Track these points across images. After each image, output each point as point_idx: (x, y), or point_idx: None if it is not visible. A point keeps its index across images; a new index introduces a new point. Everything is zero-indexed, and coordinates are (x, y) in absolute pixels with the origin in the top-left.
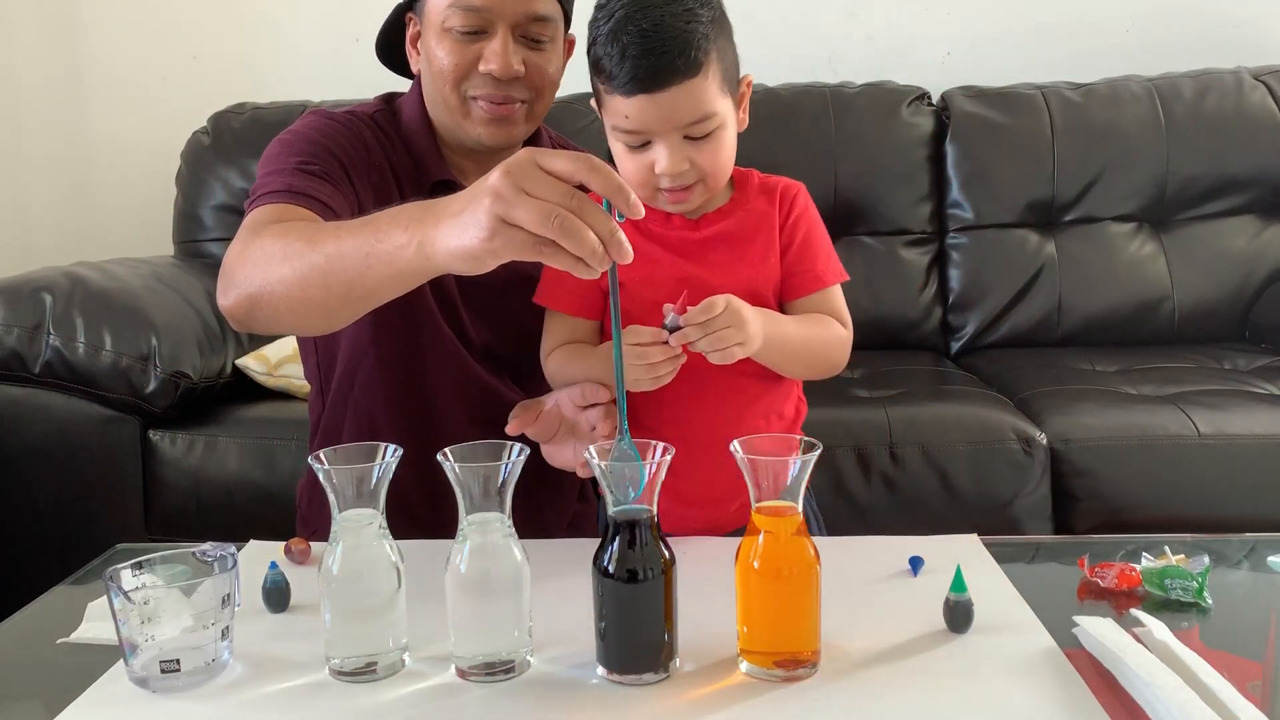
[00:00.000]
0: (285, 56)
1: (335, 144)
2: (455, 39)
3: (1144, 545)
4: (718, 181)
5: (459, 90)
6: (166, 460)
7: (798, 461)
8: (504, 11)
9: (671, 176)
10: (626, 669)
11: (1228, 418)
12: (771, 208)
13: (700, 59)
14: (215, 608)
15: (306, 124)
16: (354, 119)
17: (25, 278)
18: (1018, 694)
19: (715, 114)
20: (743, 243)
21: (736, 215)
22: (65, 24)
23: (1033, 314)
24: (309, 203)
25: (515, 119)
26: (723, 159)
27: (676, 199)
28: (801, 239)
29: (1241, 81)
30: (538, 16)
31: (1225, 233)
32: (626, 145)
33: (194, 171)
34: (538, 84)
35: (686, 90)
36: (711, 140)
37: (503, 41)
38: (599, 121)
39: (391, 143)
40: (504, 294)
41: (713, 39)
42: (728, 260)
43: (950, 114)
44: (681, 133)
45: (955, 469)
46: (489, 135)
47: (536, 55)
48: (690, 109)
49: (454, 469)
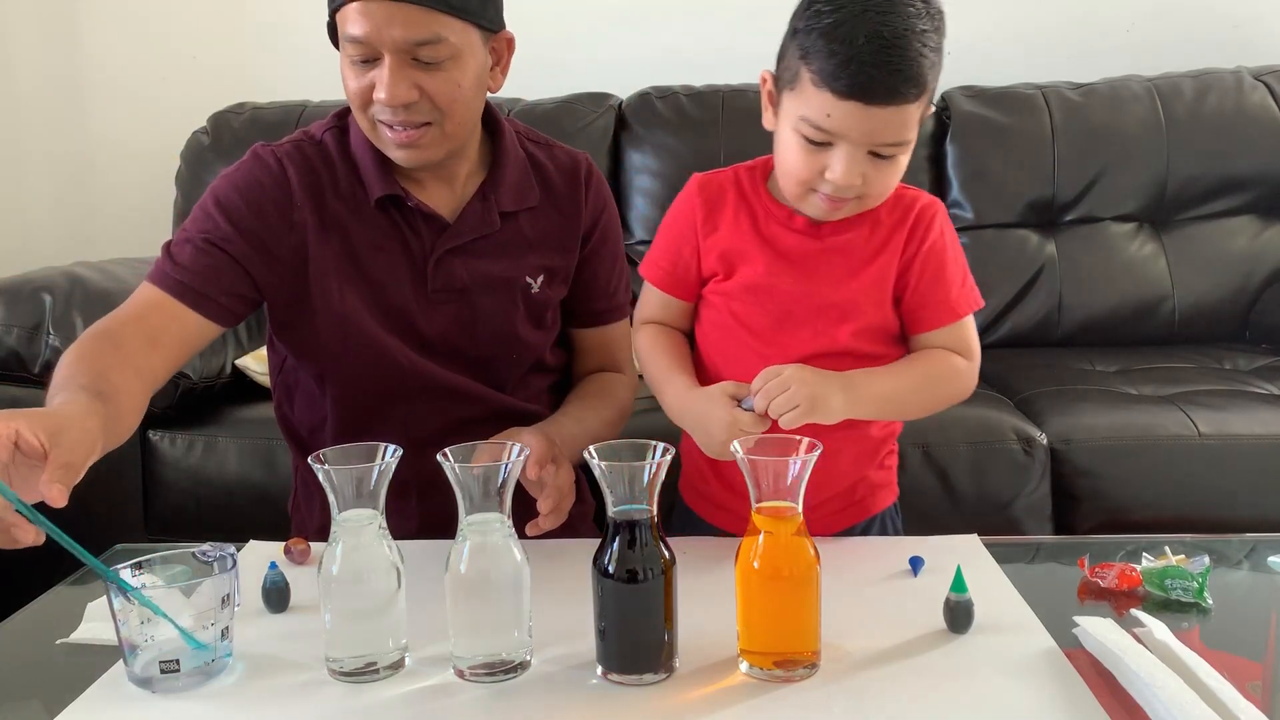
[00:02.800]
0: (285, 56)
1: (250, 212)
2: (353, 65)
3: (1144, 545)
4: (877, 203)
5: (367, 114)
6: (166, 461)
7: (798, 461)
8: (384, 41)
9: (841, 188)
10: (626, 669)
11: (1228, 418)
12: (901, 227)
13: (925, 85)
14: (215, 608)
15: (226, 188)
16: (284, 158)
17: (25, 278)
18: (1018, 694)
19: (910, 141)
20: (862, 261)
21: (862, 229)
22: (65, 24)
23: (1033, 314)
24: (186, 295)
25: (423, 142)
26: (893, 183)
27: (833, 208)
28: (934, 269)
29: (1241, 81)
30: (421, 42)
31: (1225, 233)
32: (808, 140)
33: (194, 171)
34: (442, 104)
35: (901, 113)
36: (892, 163)
37: (389, 71)
38: (599, 122)
39: (334, 167)
40: (470, 295)
41: (937, 68)
42: (842, 275)
43: (950, 114)
44: (870, 148)
45: (955, 469)
46: (402, 158)
47: (433, 78)
48: (894, 131)
49: (454, 469)
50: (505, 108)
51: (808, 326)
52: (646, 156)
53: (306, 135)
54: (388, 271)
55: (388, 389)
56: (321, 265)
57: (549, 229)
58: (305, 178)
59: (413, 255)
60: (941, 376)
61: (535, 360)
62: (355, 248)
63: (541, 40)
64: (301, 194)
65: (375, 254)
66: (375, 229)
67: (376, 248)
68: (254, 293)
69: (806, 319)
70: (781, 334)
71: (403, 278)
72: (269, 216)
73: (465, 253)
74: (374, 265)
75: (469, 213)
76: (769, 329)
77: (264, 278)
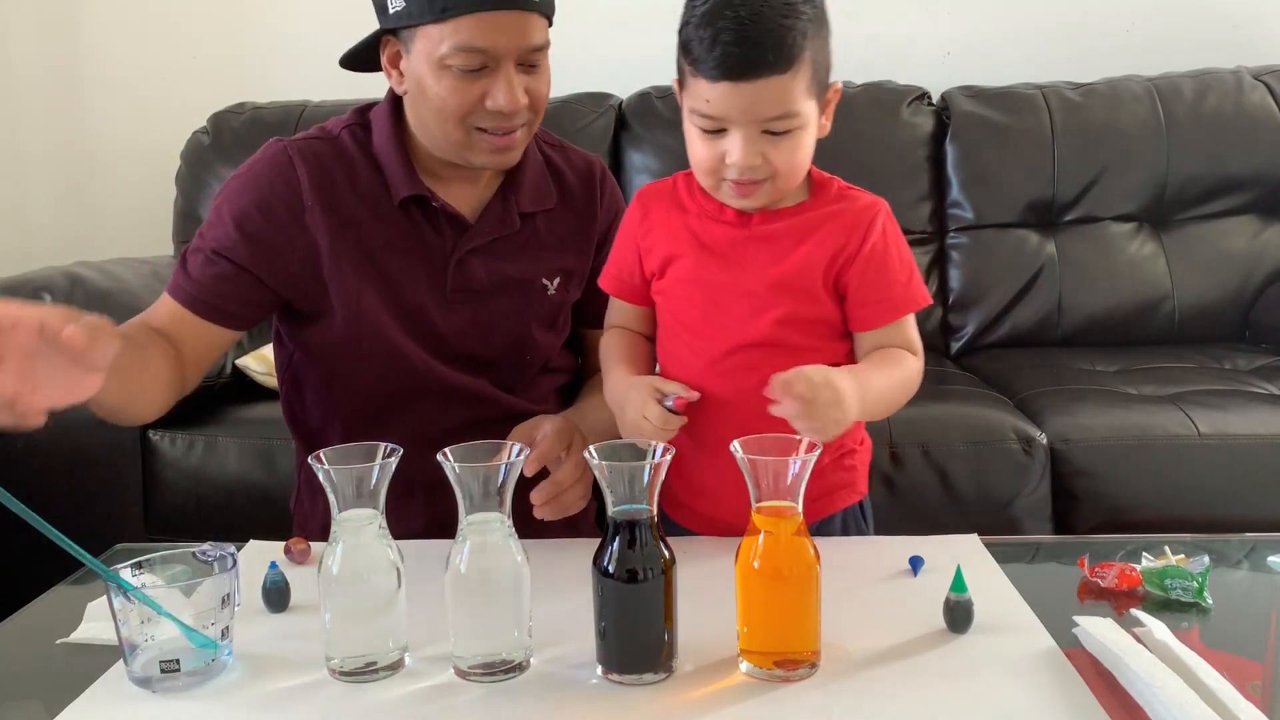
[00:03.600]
0: (285, 56)
1: (260, 215)
2: (456, 76)
3: (1144, 545)
4: (788, 182)
5: (464, 125)
6: (166, 460)
7: (798, 461)
8: (508, 49)
9: (741, 169)
10: (626, 669)
11: (1228, 418)
12: (835, 221)
13: (793, 56)
14: (215, 608)
15: (237, 190)
16: (297, 155)
17: (25, 278)
18: (1018, 694)
19: (797, 114)
20: (786, 250)
21: (790, 219)
22: (65, 24)
23: (1033, 314)
24: (198, 307)
25: (519, 143)
26: (797, 160)
27: (742, 192)
28: (876, 266)
29: (1241, 81)
30: (536, 47)
31: (1225, 233)
32: (702, 130)
33: (194, 171)
34: (537, 105)
35: (773, 85)
36: (789, 139)
37: (509, 79)
38: (599, 122)
39: (354, 165)
40: (491, 298)
41: (809, 38)
42: (765, 263)
43: (950, 114)
44: (760, 126)
45: (955, 469)
46: (495, 162)
47: (535, 79)
48: (773, 104)
49: (454, 469)
50: None
51: (731, 315)
52: (646, 156)
53: (323, 132)
54: (405, 271)
55: (398, 389)
56: (337, 265)
57: (565, 231)
58: (317, 177)
59: (432, 256)
60: (910, 379)
61: (545, 362)
62: (373, 247)
63: None
64: (312, 194)
65: (394, 254)
66: (394, 229)
67: (395, 248)
68: (269, 296)
69: (731, 308)
70: (709, 326)
71: (420, 278)
72: (279, 218)
73: (485, 253)
74: (392, 265)
75: (490, 212)
76: (698, 322)
77: (277, 281)
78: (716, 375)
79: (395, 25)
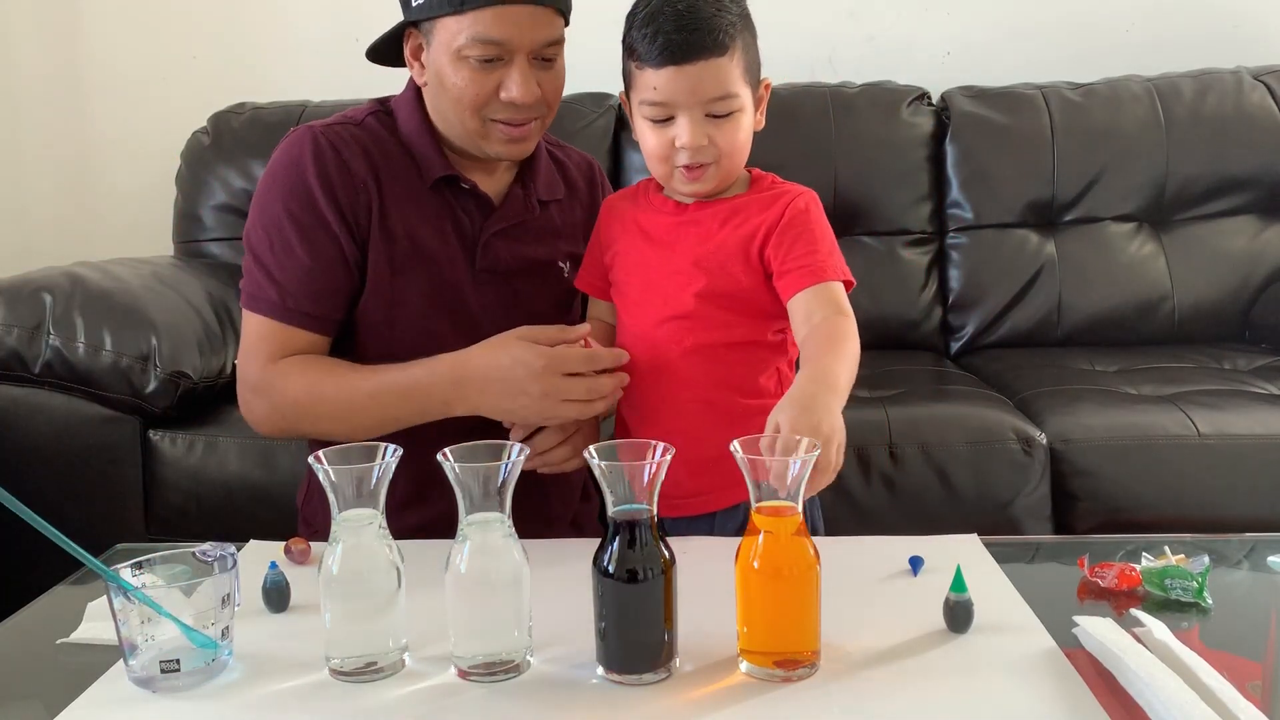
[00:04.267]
0: (285, 56)
1: (324, 202)
2: (473, 68)
3: (1144, 545)
4: (733, 164)
5: (479, 115)
6: (166, 460)
7: (798, 461)
8: (523, 42)
9: (691, 151)
10: (626, 669)
11: (1228, 418)
12: (765, 209)
13: (726, 41)
14: (215, 608)
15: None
16: (339, 138)
17: (25, 278)
18: (1018, 694)
19: (736, 95)
20: (713, 230)
21: (724, 206)
22: (65, 24)
23: (1033, 314)
24: (305, 321)
25: (532, 135)
26: (739, 141)
27: (693, 176)
28: (794, 235)
29: (1241, 81)
30: (551, 41)
31: (1225, 233)
32: (651, 120)
33: (194, 171)
34: (551, 100)
35: (712, 67)
36: (730, 121)
37: (522, 71)
38: (599, 122)
39: (386, 147)
40: (514, 279)
41: (739, 30)
42: (693, 243)
43: (950, 114)
44: (704, 109)
45: (955, 469)
46: (508, 152)
47: (549, 74)
48: (714, 85)
49: (454, 469)
50: None
51: (660, 292)
52: None
53: (347, 118)
54: (442, 249)
55: None
56: (380, 245)
57: (574, 221)
58: (364, 160)
59: (464, 234)
60: (855, 345)
61: None
62: (412, 227)
63: None
64: (363, 169)
65: (430, 232)
66: (430, 208)
67: (431, 225)
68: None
69: (660, 284)
70: (643, 303)
71: (456, 255)
72: (344, 198)
73: (508, 236)
74: (430, 242)
75: (513, 197)
76: (635, 301)
77: (358, 258)
78: (650, 343)
79: (417, 17)
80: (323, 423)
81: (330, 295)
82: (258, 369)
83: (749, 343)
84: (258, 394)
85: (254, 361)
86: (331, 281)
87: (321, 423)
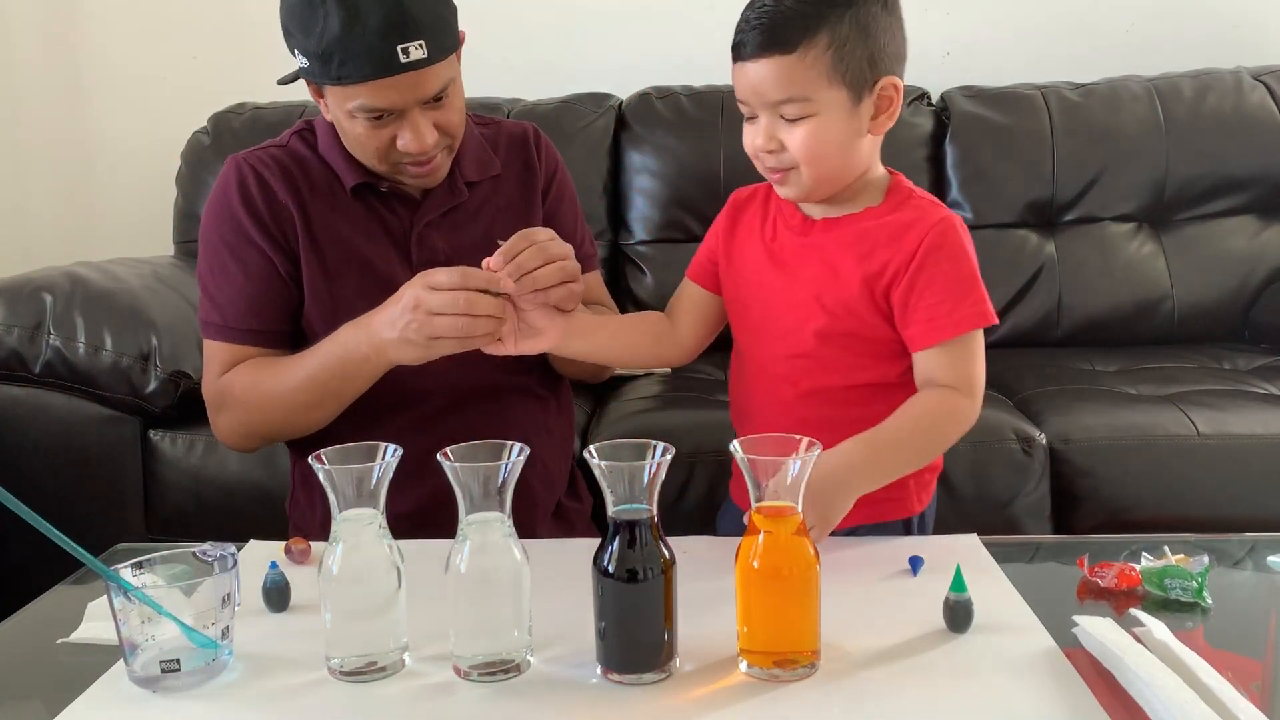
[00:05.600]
0: (285, 56)
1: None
2: (366, 123)
3: (1144, 545)
4: (814, 173)
5: (386, 161)
6: (166, 460)
7: (798, 461)
8: (409, 102)
9: (756, 150)
10: (626, 669)
11: (1228, 418)
12: (901, 232)
13: (796, 38)
14: (215, 607)
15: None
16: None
17: (25, 278)
18: (1018, 694)
19: (806, 99)
20: (837, 258)
21: (851, 227)
22: (65, 24)
23: (1033, 314)
24: (249, 337)
25: (441, 165)
26: (813, 149)
27: (776, 179)
28: (924, 282)
29: (1241, 81)
30: (442, 90)
31: (1225, 233)
32: (746, 119)
33: (194, 171)
34: (452, 131)
35: (773, 65)
36: (801, 126)
37: (414, 125)
38: (599, 122)
39: (307, 164)
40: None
41: (829, 23)
42: (816, 271)
43: (950, 114)
44: (774, 111)
45: (955, 469)
46: (421, 183)
47: (444, 112)
48: (775, 86)
49: (454, 469)
50: (505, 108)
51: (779, 324)
52: (646, 156)
53: (273, 142)
54: (375, 250)
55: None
56: (310, 256)
57: (513, 196)
58: (284, 180)
59: (394, 235)
60: (936, 425)
61: None
62: (340, 234)
63: (541, 41)
64: (283, 189)
65: (360, 236)
66: (356, 215)
67: (360, 230)
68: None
69: (781, 316)
70: (761, 332)
71: (389, 254)
72: (269, 210)
73: (441, 226)
74: (361, 246)
75: (438, 188)
76: (753, 328)
77: (291, 272)
78: (769, 378)
79: (306, 78)
80: (273, 414)
81: (270, 309)
82: (211, 386)
83: (873, 385)
84: (217, 409)
85: (209, 382)
86: (270, 296)
87: (272, 414)
